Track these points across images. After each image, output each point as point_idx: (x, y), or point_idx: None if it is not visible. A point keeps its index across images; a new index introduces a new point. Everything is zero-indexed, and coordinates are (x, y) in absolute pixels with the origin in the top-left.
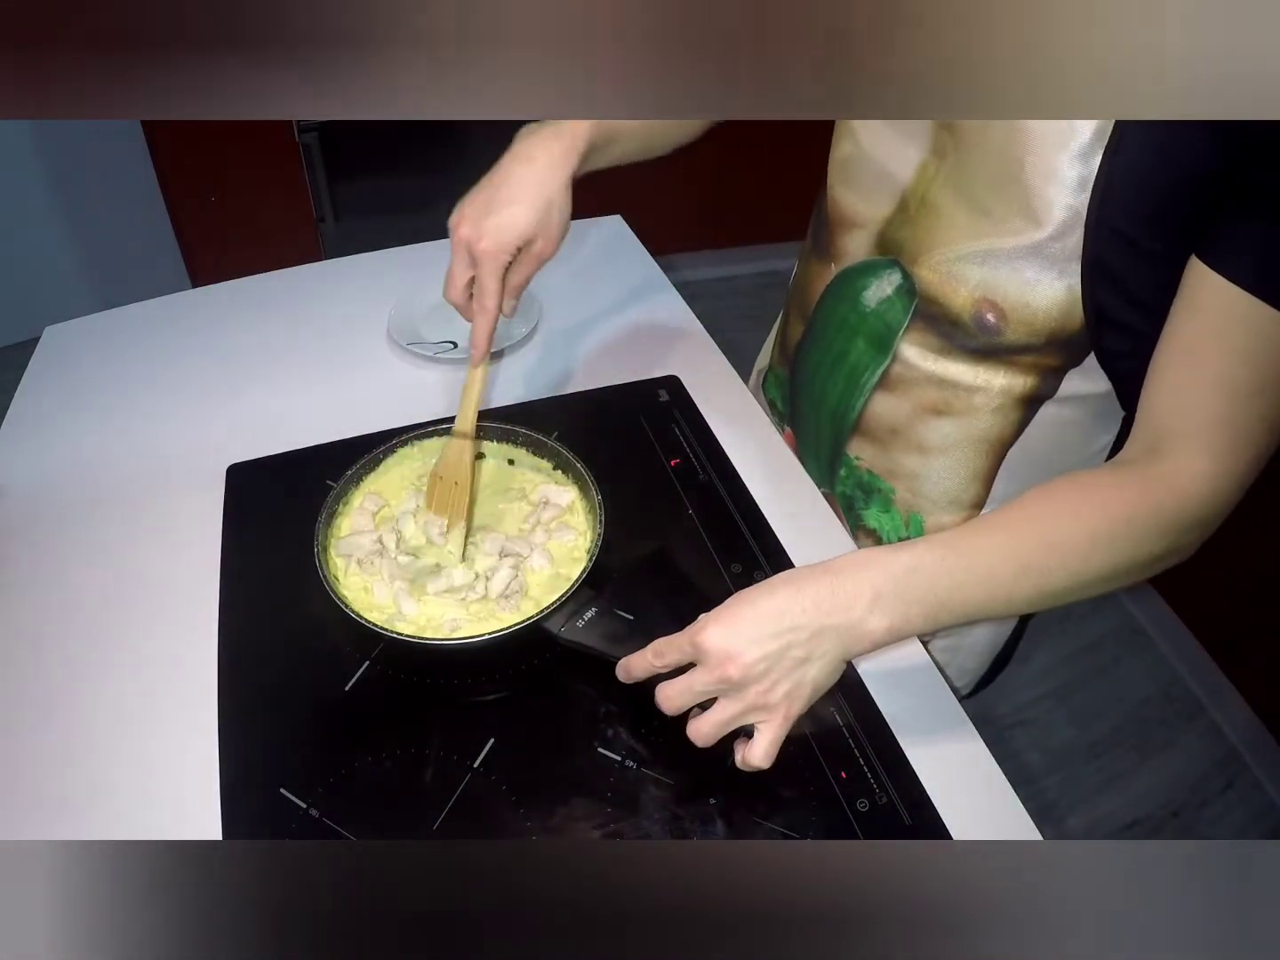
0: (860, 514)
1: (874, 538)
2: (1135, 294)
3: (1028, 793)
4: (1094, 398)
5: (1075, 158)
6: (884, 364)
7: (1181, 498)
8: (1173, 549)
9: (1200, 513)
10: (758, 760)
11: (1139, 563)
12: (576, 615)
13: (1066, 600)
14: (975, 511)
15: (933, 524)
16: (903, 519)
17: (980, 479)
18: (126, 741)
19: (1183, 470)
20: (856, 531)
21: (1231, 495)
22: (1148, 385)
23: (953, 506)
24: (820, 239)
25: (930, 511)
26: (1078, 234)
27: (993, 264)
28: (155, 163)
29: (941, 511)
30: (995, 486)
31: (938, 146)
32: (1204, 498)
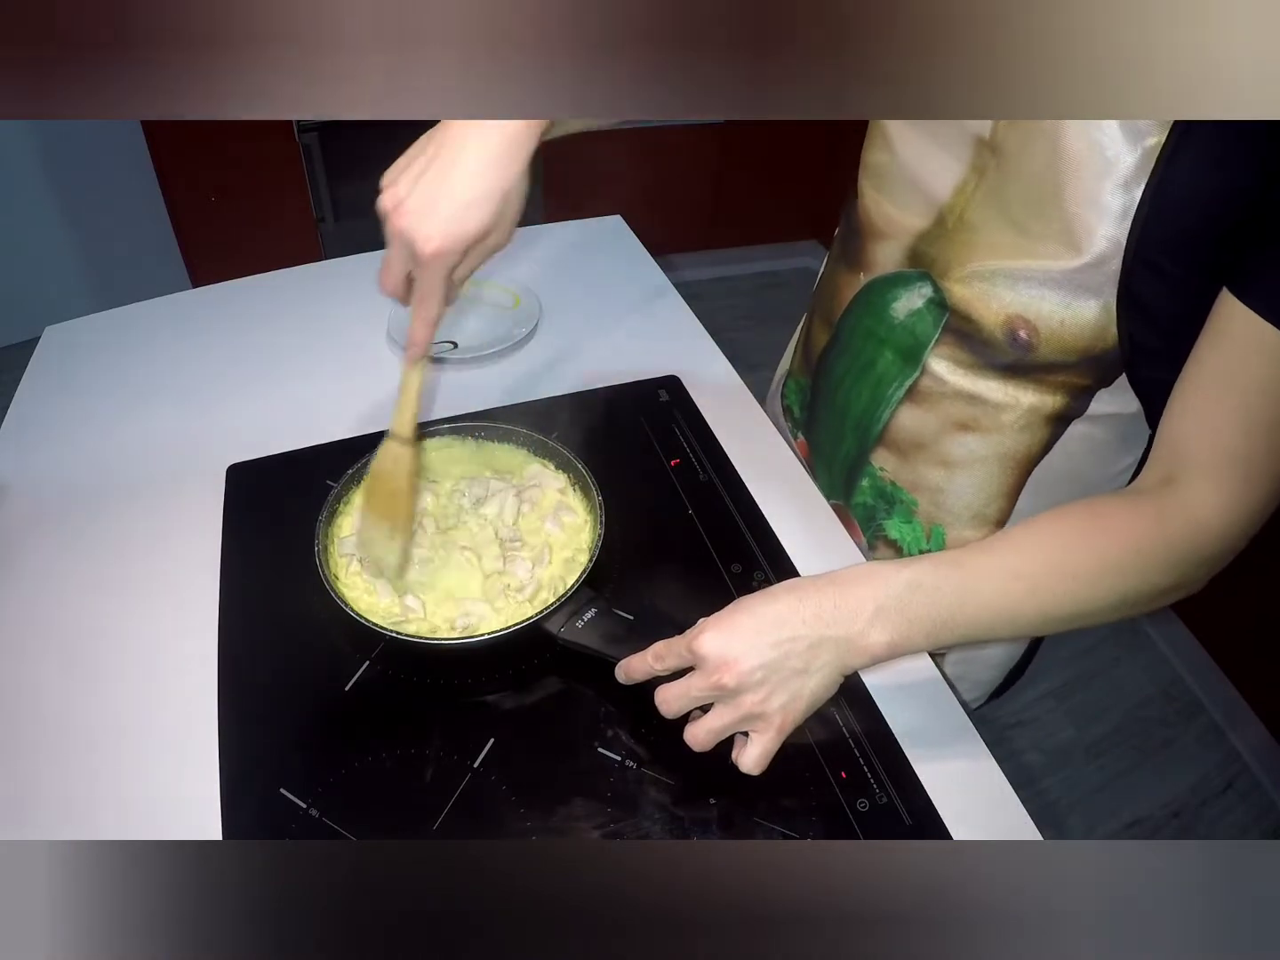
0: (881, 524)
1: (895, 548)
2: (1168, 325)
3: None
4: (1122, 418)
5: (1118, 187)
6: (912, 377)
7: (1194, 531)
8: (1181, 583)
9: (1211, 548)
10: (747, 768)
11: (1146, 594)
12: (576, 615)
13: (1070, 626)
14: (998, 527)
15: (954, 537)
16: (924, 531)
17: (1005, 495)
18: (126, 741)
19: (1197, 503)
20: (876, 542)
21: (1245, 531)
22: (1168, 414)
23: (975, 521)
24: (849, 247)
25: (952, 525)
26: (1115, 263)
27: (1027, 283)
28: (155, 163)
29: (964, 526)
30: (1020, 503)
31: (978, 164)
32: (1216, 533)
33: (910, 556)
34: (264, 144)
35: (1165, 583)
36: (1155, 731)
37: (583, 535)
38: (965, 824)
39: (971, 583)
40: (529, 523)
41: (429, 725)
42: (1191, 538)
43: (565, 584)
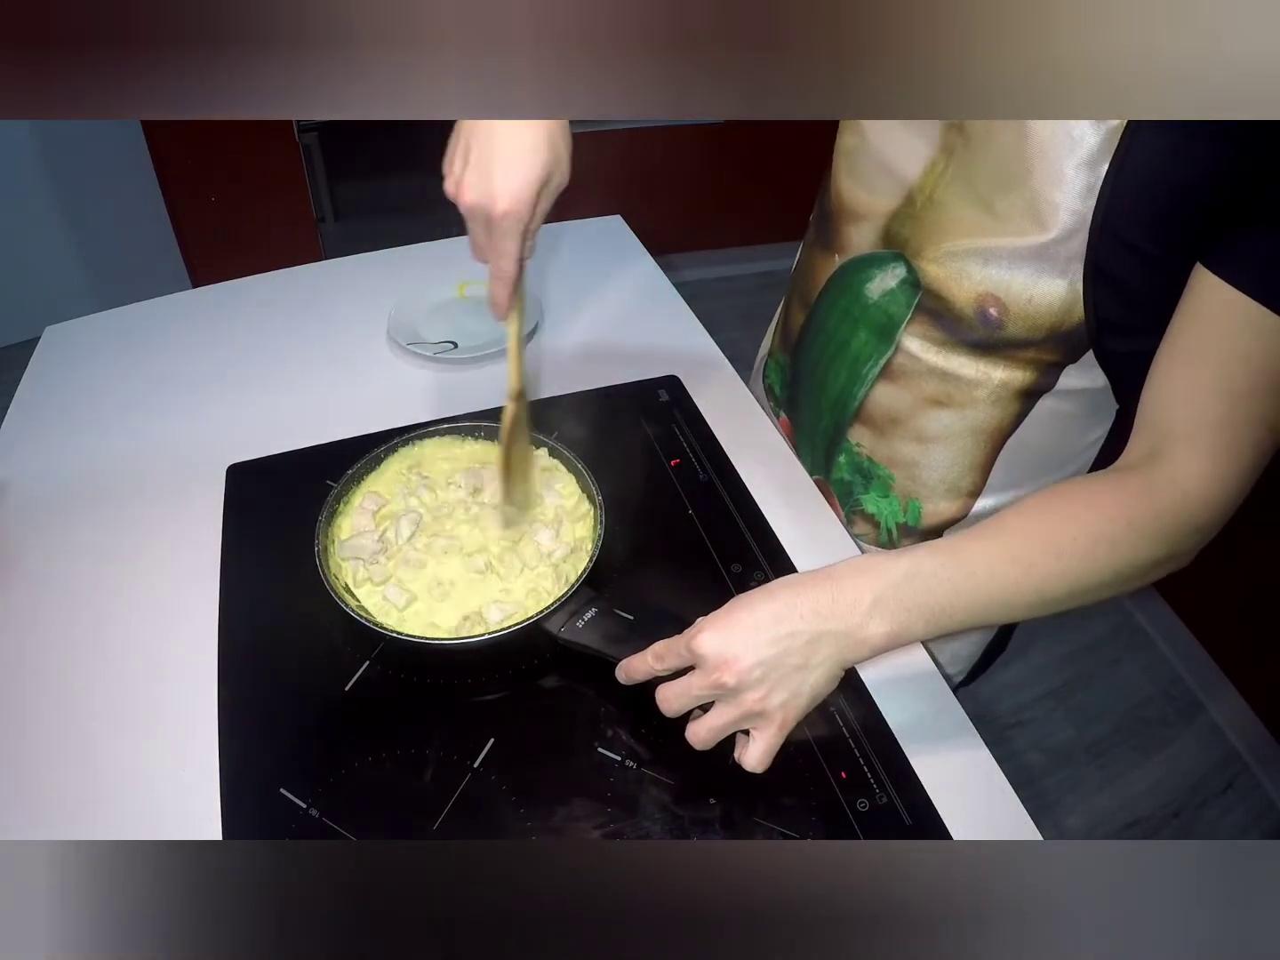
0: (859, 499)
1: (872, 523)
2: (1135, 298)
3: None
4: (1090, 392)
5: (1083, 164)
6: (886, 355)
7: (1181, 500)
8: (1172, 554)
9: (1200, 517)
10: (751, 766)
11: (1139, 567)
12: (576, 615)
13: (1067, 606)
14: (972, 500)
15: (930, 510)
16: (901, 505)
17: (978, 468)
18: (126, 741)
19: (1182, 473)
20: (854, 516)
21: (1231, 499)
22: (1148, 389)
23: (950, 494)
24: (823, 229)
25: (928, 498)
26: (1081, 237)
27: (996, 261)
28: (155, 163)
29: (939, 498)
30: (992, 475)
31: (946, 144)
32: (1204, 501)
33: (906, 547)
34: (264, 144)
35: (1157, 554)
36: (1155, 731)
37: (583, 535)
38: (965, 824)
39: (967, 569)
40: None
41: (429, 725)
42: (1180, 508)
43: (588, 548)
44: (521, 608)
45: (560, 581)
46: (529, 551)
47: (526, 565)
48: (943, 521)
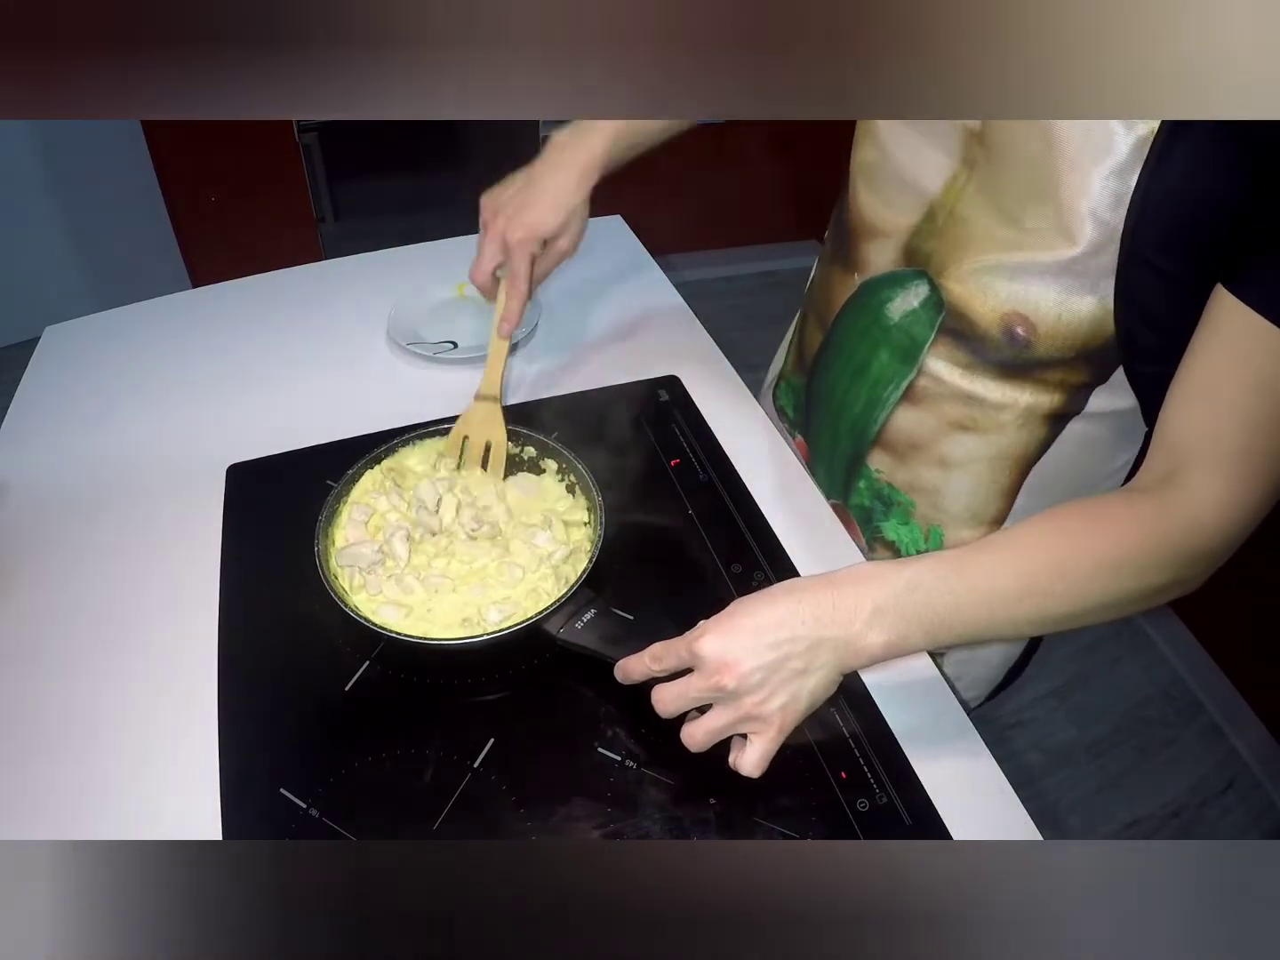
0: (879, 526)
1: (892, 550)
2: (1161, 320)
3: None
4: (1119, 414)
5: (1112, 174)
6: (908, 377)
7: (1195, 527)
8: (1178, 580)
9: (1210, 545)
10: (748, 770)
11: (1144, 592)
12: (576, 615)
13: (1068, 625)
14: (996, 528)
15: (953, 538)
16: (922, 532)
17: (1003, 495)
18: (127, 741)
19: (1198, 500)
20: (874, 543)
21: (1244, 527)
22: (1165, 411)
23: (973, 521)
24: (841, 247)
25: (950, 526)
26: (1112, 251)
27: (1023, 277)
28: (155, 163)
29: (962, 526)
30: (1018, 502)
31: (968, 156)
32: (1218, 529)
33: (909, 557)
34: (264, 144)
35: (1163, 580)
36: (1155, 731)
37: (582, 536)
38: (965, 824)
39: (970, 582)
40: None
41: (429, 725)
42: (1191, 535)
43: (587, 548)
44: (521, 608)
45: (560, 582)
46: (526, 556)
47: (527, 571)
48: None
